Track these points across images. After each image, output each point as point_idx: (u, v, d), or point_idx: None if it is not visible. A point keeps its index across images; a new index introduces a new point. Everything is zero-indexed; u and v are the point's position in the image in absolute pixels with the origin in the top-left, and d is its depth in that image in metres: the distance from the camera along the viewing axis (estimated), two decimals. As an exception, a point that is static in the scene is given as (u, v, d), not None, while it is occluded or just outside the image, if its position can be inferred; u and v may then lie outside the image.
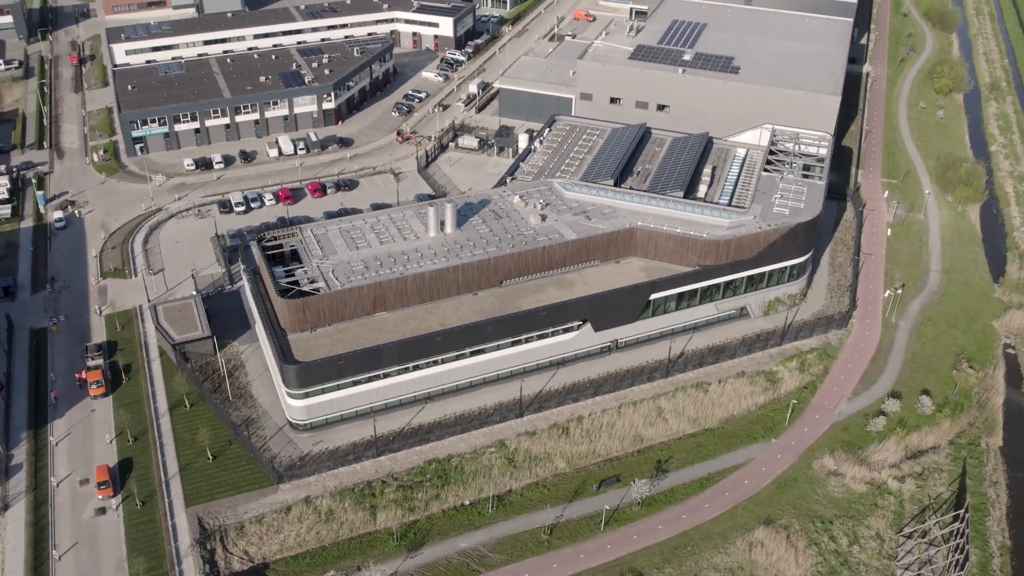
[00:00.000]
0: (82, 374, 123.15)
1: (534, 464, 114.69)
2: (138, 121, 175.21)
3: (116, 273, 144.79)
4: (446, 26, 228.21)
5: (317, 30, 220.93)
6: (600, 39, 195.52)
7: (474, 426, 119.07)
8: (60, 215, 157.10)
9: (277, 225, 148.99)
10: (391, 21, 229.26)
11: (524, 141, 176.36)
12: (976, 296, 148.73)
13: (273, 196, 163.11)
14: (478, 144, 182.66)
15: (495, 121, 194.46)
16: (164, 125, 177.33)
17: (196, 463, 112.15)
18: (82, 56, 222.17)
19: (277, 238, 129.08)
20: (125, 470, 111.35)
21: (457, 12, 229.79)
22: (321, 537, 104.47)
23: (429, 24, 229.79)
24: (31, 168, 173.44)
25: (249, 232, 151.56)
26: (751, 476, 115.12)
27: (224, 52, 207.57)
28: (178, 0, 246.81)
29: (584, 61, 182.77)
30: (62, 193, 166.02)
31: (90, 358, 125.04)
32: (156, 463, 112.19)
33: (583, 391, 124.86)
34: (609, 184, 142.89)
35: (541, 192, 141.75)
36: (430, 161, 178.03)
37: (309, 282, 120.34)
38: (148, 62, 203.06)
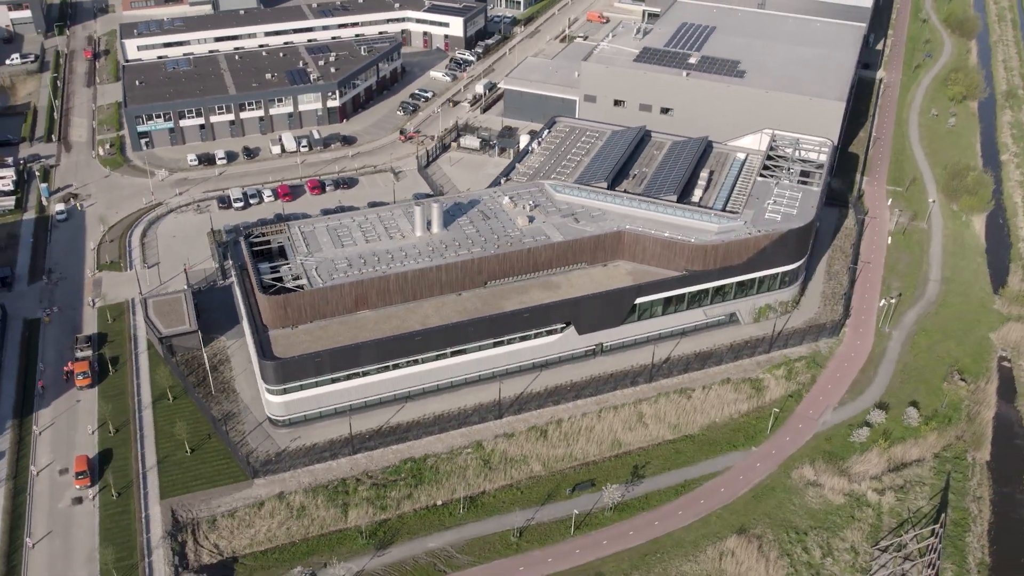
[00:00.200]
0: (70, 365, 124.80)
1: (509, 466, 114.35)
2: (144, 116, 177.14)
3: (112, 266, 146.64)
4: (456, 26, 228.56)
5: (328, 28, 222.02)
6: (606, 41, 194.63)
7: (452, 426, 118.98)
8: (62, 207, 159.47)
9: (271, 221, 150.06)
10: (402, 20, 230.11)
11: (526, 142, 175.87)
12: (974, 307, 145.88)
13: (272, 193, 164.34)
14: (480, 144, 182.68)
15: (499, 122, 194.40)
16: (169, 120, 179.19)
17: (174, 456, 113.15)
18: (96, 51, 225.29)
19: (265, 234, 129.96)
20: (105, 461, 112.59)
21: (468, 12, 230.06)
22: (291, 533, 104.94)
23: (440, 24, 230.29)
24: (38, 161, 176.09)
25: (245, 228, 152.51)
26: (728, 484, 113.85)
27: (235, 49, 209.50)
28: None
29: (588, 63, 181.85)
30: (66, 186, 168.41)
31: (79, 349, 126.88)
32: (135, 455, 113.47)
33: (564, 394, 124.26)
34: (603, 187, 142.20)
35: (531, 193, 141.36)
36: (431, 160, 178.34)
37: (293, 279, 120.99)
38: (160, 58, 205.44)
